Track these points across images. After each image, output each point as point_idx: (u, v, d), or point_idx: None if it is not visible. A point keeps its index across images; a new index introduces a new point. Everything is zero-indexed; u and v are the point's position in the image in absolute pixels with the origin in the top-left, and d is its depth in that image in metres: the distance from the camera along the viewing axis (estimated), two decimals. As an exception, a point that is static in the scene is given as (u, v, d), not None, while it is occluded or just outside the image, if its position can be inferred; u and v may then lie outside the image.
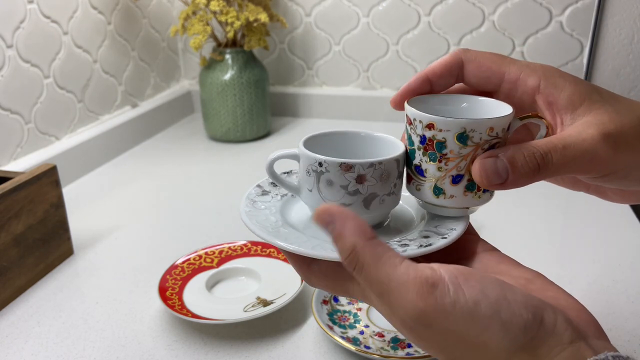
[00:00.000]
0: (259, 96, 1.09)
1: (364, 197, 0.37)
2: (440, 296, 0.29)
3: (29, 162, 0.85)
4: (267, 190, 0.42)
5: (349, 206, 0.37)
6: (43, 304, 0.60)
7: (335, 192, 0.37)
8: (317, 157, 0.37)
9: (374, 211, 0.38)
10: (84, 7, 0.97)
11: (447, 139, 0.35)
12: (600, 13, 1.05)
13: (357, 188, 0.37)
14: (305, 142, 0.39)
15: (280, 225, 0.38)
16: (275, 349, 0.52)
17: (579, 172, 0.34)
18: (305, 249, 0.34)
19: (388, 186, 0.37)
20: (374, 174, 0.36)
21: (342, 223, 0.31)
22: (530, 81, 0.36)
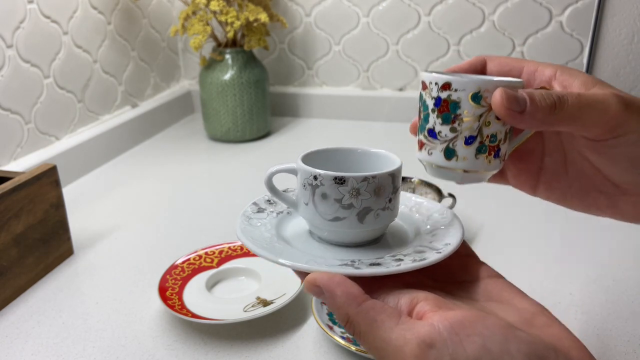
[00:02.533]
0: (259, 96, 1.09)
1: (357, 210, 0.37)
2: (438, 356, 0.28)
3: (29, 162, 0.85)
4: (262, 207, 0.43)
5: (343, 220, 0.37)
6: (43, 304, 0.60)
7: (329, 206, 0.37)
8: (312, 170, 0.37)
9: (369, 225, 0.38)
10: (84, 7, 0.97)
11: (461, 99, 0.35)
12: (600, 13, 1.05)
13: (351, 202, 0.37)
14: (304, 157, 0.40)
15: (275, 242, 0.38)
16: (275, 349, 0.52)
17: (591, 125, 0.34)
18: (300, 264, 0.34)
19: (383, 200, 0.38)
20: (367, 188, 0.37)
21: (331, 293, 0.31)
22: (547, 71, 0.38)
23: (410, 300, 0.31)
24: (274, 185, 0.41)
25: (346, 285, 0.31)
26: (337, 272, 0.33)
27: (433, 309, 0.30)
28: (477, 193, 0.84)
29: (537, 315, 0.31)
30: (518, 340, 0.28)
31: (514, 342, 0.28)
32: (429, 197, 0.72)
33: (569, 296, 0.58)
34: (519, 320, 0.31)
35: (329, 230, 0.38)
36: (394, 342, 0.29)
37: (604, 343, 0.51)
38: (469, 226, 0.74)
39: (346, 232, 0.38)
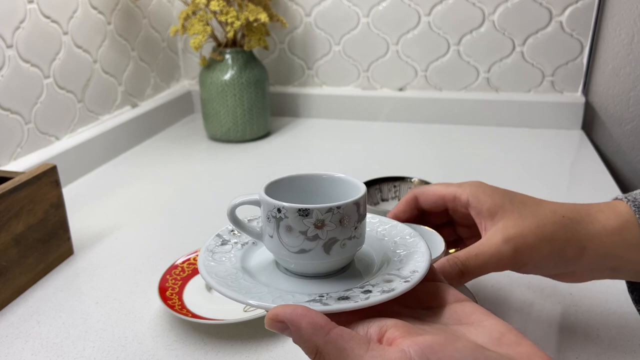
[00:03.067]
0: (259, 96, 1.09)
1: (324, 242, 0.36)
2: None
3: (29, 162, 0.85)
4: (226, 239, 0.42)
5: (309, 252, 0.37)
6: (43, 304, 0.60)
7: (294, 238, 0.36)
8: (275, 203, 0.36)
9: (335, 256, 0.37)
10: (84, 7, 0.97)
11: None
12: (600, 13, 1.05)
13: (316, 233, 0.36)
14: (267, 187, 0.39)
15: (241, 278, 0.37)
16: (275, 349, 0.52)
17: (494, 270, 0.43)
18: (266, 303, 0.34)
19: (349, 230, 0.37)
20: (332, 219, 0.36)
21: (296, 327, 0.30)
22: (463, 197, 0.47)
23: (380, 328, 0.31)
24: (237, 217, 0.40)
25: (311, 315, 0.31)
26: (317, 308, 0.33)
27: (403, 335, 0.30)
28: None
29: (505, 334, 0.32)
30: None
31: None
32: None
33: (569, 296, 0.58)
34: (488, 340, 0.31)
35: (295, 262, 0.38)
36: None
37: (604, 343, 0.51)
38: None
39: (313, 263, 0.37)
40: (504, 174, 0.91)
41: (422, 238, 0.41)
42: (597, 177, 0.89)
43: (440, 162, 0.83)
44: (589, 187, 0.85)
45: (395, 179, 0.75)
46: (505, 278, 0.62)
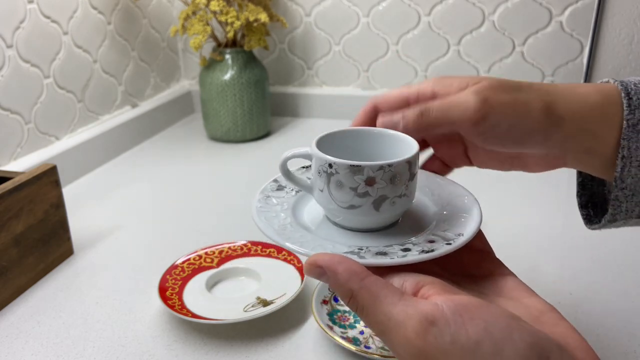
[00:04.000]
0: (259, 96, 1.09)
1: (373, 199, 0.36)
2: (439, 334, 0.28)
3: (29, 162, 0.85)
4: (282, 185, 0.42)
5: (358, 208, 0.36)
6: (43, 304, 0.60)
7: (344, 194, 0.36)
8: (327, 158, 0.36)
9: (384, 212, 0.37)
10: (84, 7, 0.97)
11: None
12: (600, 13, 1.05)
13: (366, 190, 0.36)
14: (318, 141, 0.38)
15: (288, 223, 0.38)
16: (275, 349, 0.52)
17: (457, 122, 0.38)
18: (304, 249, 0.34)
19: (399, 188, 0.36)
20: (383, 177, 0.35)
21: (333, 272, 0.31)
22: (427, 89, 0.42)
23: (416, 283, 0.31)
24: (288, 169, 0.40)
25: (348, 262, 0.31)
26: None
27: (439, 292, 0.30)
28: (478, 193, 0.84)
29: (545, 313, 0.31)
30: (522, 330, 0.28)
31: (517, 331, 0.28)
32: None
33: (569, 296, 0.58)
34: (526, 316, 0.30)
35: (343, 217, 0.38)
36: (396, 316, 0.29)
37: (604, 343, 0.51)
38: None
39: (361, 219, 0.37)
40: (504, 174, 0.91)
41: (477, 202, 0.40)
42: (597, 177, 0.89)
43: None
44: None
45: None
46: (505, 278, 0.62)
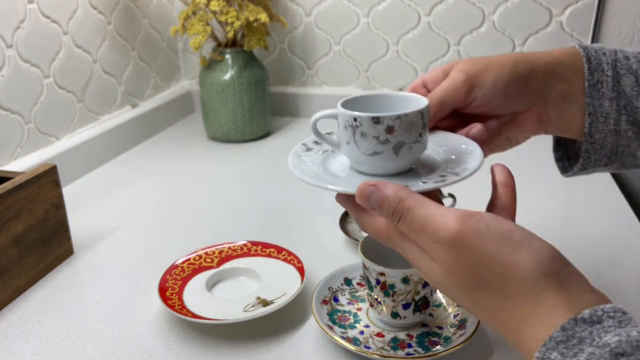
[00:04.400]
0: (259, 96, 1.09)
1: (393, 145, 0.42)
2: (476, 222, 0.34)
3: (29, 162, 0.85)
4: (310, 147, 0.49)
5: (381, 154, 0.43)
6: (43, 304, 0.60)
7: (368, 143, 0.42)
8: (352, 113, 0.42)
9: (403, 157, 0.43)
10: (84, 7, 0.97)
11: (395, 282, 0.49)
12: (600, 13, 1.05)
13: (387, 137, 0.42)
14: (343, 103, 0.45)
15: (321, 173, 0.44)
16: (275, 349, 0.52)
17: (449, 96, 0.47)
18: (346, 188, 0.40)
19: (414, 135, 0.43)
20: (401, 125, 0.41)
21: (383, 187, 0.37)
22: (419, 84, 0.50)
23: None
24: (318, 129, 0.47)
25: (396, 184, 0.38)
26: None
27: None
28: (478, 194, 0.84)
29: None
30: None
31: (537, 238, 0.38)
32: (429, 197, 0.72)
33: (569, 296, 0.58)
34: None
35: (369, 163, 0.44)
36: (439, 211, 0.35)
37: (604, 343, 0.51)
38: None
39: (384, 164, 0.43)
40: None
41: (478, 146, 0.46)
42: (597, 177, 0.89)
43: (440, 162, 0.83)
44: (589, 187, 0.85)
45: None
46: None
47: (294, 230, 0.74)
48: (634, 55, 0.48)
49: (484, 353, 0.50)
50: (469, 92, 0.47)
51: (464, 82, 0.46)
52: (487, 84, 0.46)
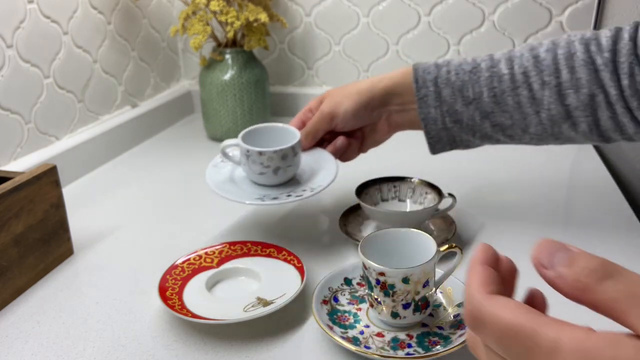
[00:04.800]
0: (259, 96, 1.09)
1: (273, 169, 0.65)
2: None
3: (29, 162, 0.85)
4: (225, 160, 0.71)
5: (265, 174, 0.65)
6: (43, 304, 0.60)
7: (256, 167, 0.65)
8: (246, 147, 0.65)
9: (280, 176, 0.66)
10: (84, 7, 0.97)
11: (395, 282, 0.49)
12: (600, 13, 1.05)
13: (268, 164, 0.64)
14: (242, 136, 0.66)
15: (227, 182, 0.67)
16: (275, 349, 0.52)
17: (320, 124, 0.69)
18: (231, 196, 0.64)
19: (288, 162, 0.65)
20: (277, 156, 0.64)
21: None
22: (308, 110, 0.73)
23: None
24: (226, 152, 0.69)
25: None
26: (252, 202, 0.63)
27: None
28: (478, 193, 0.84)
29: None
30: None
31: None
32: (429, 196, 0.72)
33: (569, 296, 0.58)
34: None
35: (257, 179, 0.67)
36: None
37: (604, 343, 0.51)
38: (470, 226, 0.74)
39: (267, 180, 0.66)
40: (504, 174, 0.91)
41: (336, 164, 0.68)
42: (597, 177, 0.89)
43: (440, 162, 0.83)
44: (589, 187, 0.85)
45: (395, 179, 0.75)
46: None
47: (294, 230, 0.74)
48: (455, 68, 0.65)
49: (484, 353, 0.50)
50: (331, 122, 0.68)
51: (327, 115, 0.68)
52: (341, 115, 0.68)
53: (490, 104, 0.63)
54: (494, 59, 0.64)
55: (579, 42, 0.60)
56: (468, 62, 0.65)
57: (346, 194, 0.84)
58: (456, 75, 0.64)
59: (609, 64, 0.58)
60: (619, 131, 0.61)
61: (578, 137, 0.63)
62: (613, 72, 0.58)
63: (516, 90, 0.62)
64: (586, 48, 0.60)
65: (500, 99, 0.63)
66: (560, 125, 0.62)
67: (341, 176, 0.89)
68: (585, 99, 0.60)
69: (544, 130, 0.63)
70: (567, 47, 0.61)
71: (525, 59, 0.62)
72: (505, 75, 0.62)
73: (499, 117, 0.63)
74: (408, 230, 0.55)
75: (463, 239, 0.71)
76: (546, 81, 0.61)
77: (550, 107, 0.61)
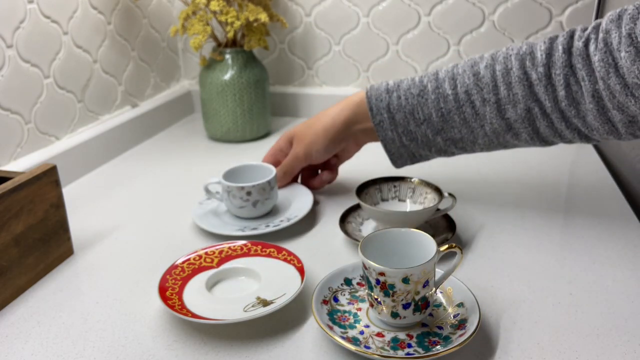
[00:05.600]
0: (259, 96, 1.09)
1: (252, 202, 0.73)
2: None
3: (29, 162, 0.85)
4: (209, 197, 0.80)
5: (245, 207, 0.73)
6: (43, 304, 0.60)
7: (237, 201, 0.73)
8: (227, 184, 0.73)
9: (259, 209, 0.74)
10: (84, 7, 0.97)
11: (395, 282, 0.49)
12: (600, 13, 1.05)
13: (247, 198, 0.73)
14: (224, 175, 0.75)
15: (211, 216, 0.76)
16: (275, 349, 0.52)
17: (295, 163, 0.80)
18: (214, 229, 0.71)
19: (265, 195, 0.74)
20: (255, 190, 0.73)
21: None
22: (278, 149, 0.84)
23: None
24: (209, 189, 0.78)
25: None
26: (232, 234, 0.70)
27: None
28: (478, 193, 0.84)
29: None
30: None
31: None
32: (429, 196, 0.72)
33: (569, 296, 0.58)
34: None
35: (238, 213, 0.75)
36: None
37: (604, 343, 0.51)
38: (470, 226, 0.74)
39: (248, 213, 0.74)
40: (504, 174, 0.91)
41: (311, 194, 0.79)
42: (597, 177, 0.89)
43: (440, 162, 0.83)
44: (589, 187, 0.85)
45: (395, 179, 0.75)
46: (504, 278, 0.62)
47: (294, 230, 0.74)
48: (404, 92, 0.71)
49: (484, 353, 0.50)
50: (306, 161, 0.79)
51: (302, 157, 0.79)
52: (314, 154, 0.78)
53: (439, 122, 0.70)
54: (439, 79, 0.70)
55: (515, 57, 0.65)
56: (416, 84, 0.71)
57: (346, 194, 0.84)
58: (405, 100, 0.71)
59: (542, 79, 0.63)
60: (558, 136, 0.67)
61: (523, 144, 0.70)
62: (547, 86, 0.63)
63: (461, 109, 0.68)
64: (521, 64, 0.64)
65: (448, 117, 0.69)
66: (504, 135, 0.68)
67: (341, 176, 0.89)
68: (523, 113, 0.65)
69: (490, 141, 0.70)
70: (504, 63, 0.66)
71: (467, 77, 0.68)
72: (450, 95, 0.68)
73: (449, 132, 0.70)
74: (408, 230, 0.55)
75: (463, 239, 0.71)
76: (486, 98, 0.67)
77: (492, 121, 0.67)
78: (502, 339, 0.52)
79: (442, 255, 0.53)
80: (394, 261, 0.54)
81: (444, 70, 0.70)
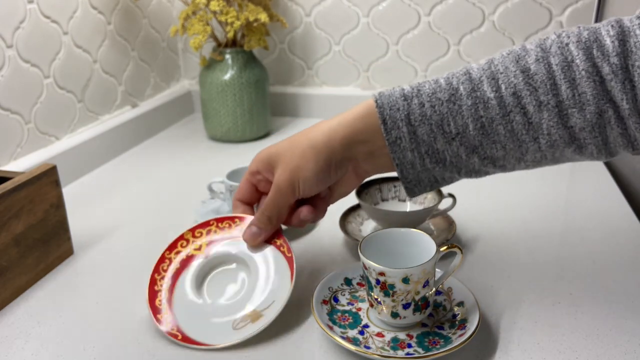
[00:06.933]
0: (259, 96, 1.09)
1: None
2: None
3: (29, 162, 0.85)
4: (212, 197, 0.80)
5: None
6: (43, 304, 0.60)
7: None
8: (230, 183, 0.73)
9: None
10: (84, 7, 0.97)
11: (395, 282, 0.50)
12: (600, 13, 1.05)
13: None
14: (228, 174, 0.75)
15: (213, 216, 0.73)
16: (275, 349, 0.52)
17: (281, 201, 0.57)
18: None
19: None
20: None
21: None
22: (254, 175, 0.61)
23: None
24: (212, 188, 0.79)
25: None
26: None
27: None
28: (478, 194, 0.84)
29: None
30: None
31: None
32: (430, 196, 0.72)
33: (569, 296, 0.58)
34: None
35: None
36: None
37: (604, 343, 0.51)
38: (469, 226, 0.74)
39: None
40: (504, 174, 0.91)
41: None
42: (597, 177, 0.89)
43: (440, 162, 0.83)
44: (589, 188, 0.85)
45: (395, 179, 0.75)
46: (504, 278, 0.62)
47: (294, 230, 0.74)
48: (429, 98, 0.52)
49: (484, 353, 0.50)
50: (293, 196, 0.56)
51: (286, 190, 0.56)
52: (301, 185, 0.56)
53: (477, 136, 0.51)
54: (473, 78, 0.51)
55: (576, 46, 0.49)
56: (442, 87, 0.52)
57: (346, 194, 0.84)
58: (431, 107, 0.52)
59: (618, 72, 0.47)
60: (630, 147, 0.50)
61: (582, 159, 0.53)
62: (625, 81, 0.47)
63: (507, 117, 0.50)
64: (587, 54, 0.49)
65: (489, 129, 0.51)
66: (563, 150, 0.51)
67: (341, 176, 0.89)
68: (593, 118, 0.48)
69: (542, 158, 0.53)
70: (562, 55, 0.49)
71: (512, 75, 0.50)
72: (492, 100, 0.50)
73: (488, 149, 0.52)
74: (408, 230, 0.55)
75: (463, 239, 0.71)
76: (543, 101, 0.49)
77: (551, 131, 0.50)
78: (502, 339, 0.52)
79: (442, 255, 0.53)
80: (394, 261, 0.54)
81: (477, 68, 0.52)
